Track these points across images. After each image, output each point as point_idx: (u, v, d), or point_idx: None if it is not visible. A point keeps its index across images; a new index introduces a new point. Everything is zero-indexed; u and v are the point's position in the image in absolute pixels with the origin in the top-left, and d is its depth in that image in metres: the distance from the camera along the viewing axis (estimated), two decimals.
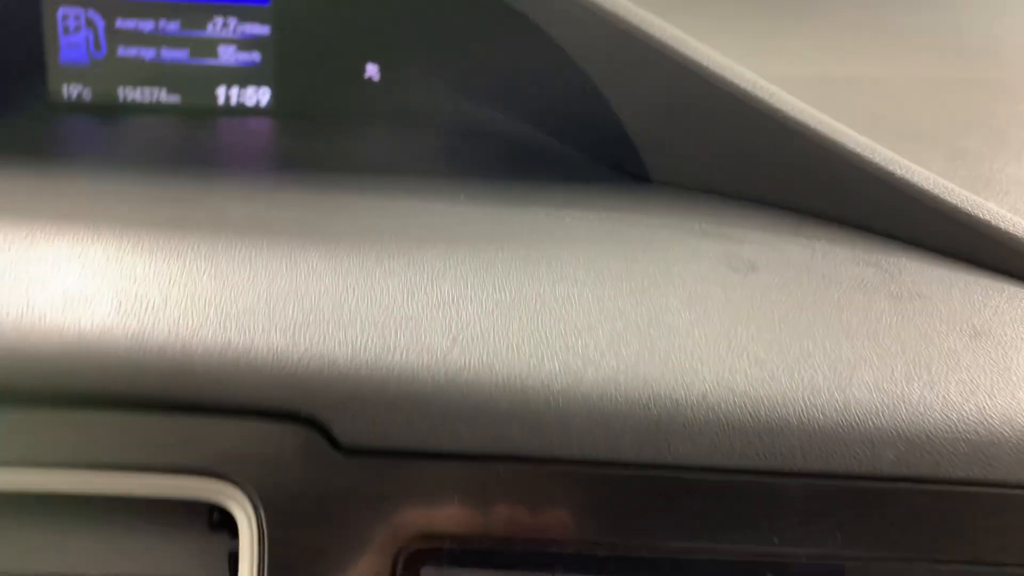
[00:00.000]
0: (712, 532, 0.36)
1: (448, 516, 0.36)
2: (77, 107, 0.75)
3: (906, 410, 0.38)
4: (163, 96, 0.76)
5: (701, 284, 0.44)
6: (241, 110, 0.76)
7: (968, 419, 0.38)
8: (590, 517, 0.36)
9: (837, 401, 0.38)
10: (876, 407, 0.38)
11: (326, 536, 0.36)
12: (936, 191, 0.51)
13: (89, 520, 0.38)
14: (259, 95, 0.77)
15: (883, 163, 0.51)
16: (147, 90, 0.75)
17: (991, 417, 0.38)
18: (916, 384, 0.39)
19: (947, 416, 0.38)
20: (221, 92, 0.76)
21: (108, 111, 0.75)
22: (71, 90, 0.74)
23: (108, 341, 0.37)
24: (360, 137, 0.69)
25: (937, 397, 0.38)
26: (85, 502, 0.38)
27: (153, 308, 0.39)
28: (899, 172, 0.51)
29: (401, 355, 0.38)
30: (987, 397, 0.39)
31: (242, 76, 0.76)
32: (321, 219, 0.48)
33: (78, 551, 0.38)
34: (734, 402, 0.38)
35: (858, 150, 0.51)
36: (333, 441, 0.36)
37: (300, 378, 0.37)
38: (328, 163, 0.61)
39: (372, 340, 0.38)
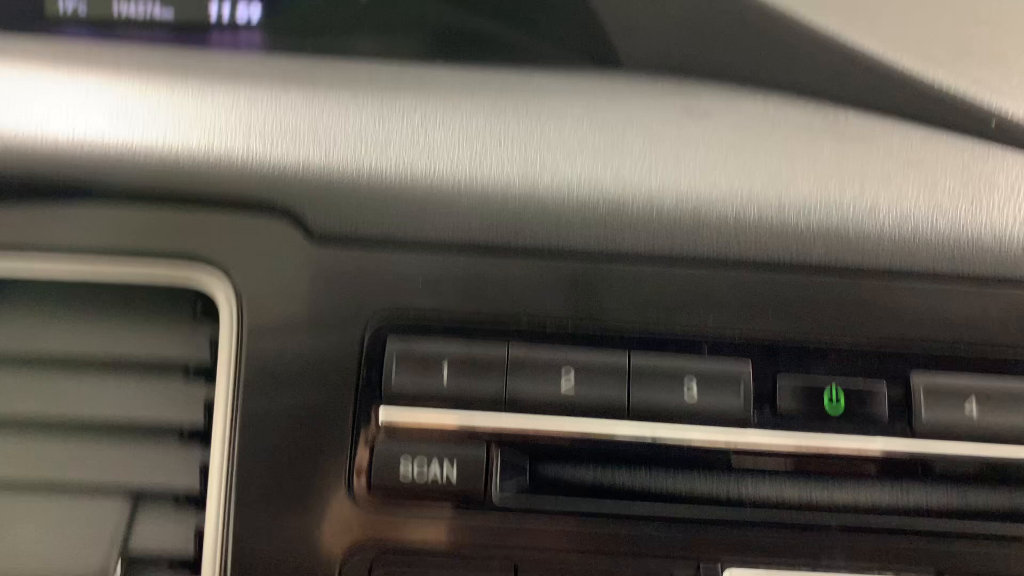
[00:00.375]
0: (656, 313, 0.39)
1: (411, 296, 0.39)
2: (72, 21, 0.78)
3: (836, 212, 0.41)
4: (156, 11, 0.79)
5: (658, 123, 0.48)
6: (232, 26, 0.79)
7: (893, 221, 0.41)
8: (542, 298, 0.39)
9: (772, 202, 0.41)
10: (809, 208, 0.41)
11: (299, 316, 0.39)
12: (882, 56, 0.54)
13: (89, 305, 0.41)
14: (250, 11, 0.80)
15: (833, 32, 0.55)
16: (141, 5, 0.78)
17: (914, 219, 0.41)
18: (848, 193, 0.42)
19: (873, 217, 0.41)
20: (213, 8, 0.80)
21: (103, 25, 0.78)
22: (67, 4, 0.78)
23: (103, 143, 0.40)
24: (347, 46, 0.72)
25: (866, 204, 0.42)
26: (86, 288, 0.41)
27: (143, 120, 0.42)
28: (848, 40, 0.54)
29: (371, 160, 0.41)
30: (913, 205, 0.42)
31: None
32: (301, 70, 0.51)
33: (77, 333, 0.41)
34: (676, 202, 0.41)
35: (811, 22, 0.55)
36: (307, 230, 0.39)
37: (277, 175, 0.40)
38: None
39: (344, 148, 0.41)
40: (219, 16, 0.82)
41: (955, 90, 0.53)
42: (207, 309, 0.41)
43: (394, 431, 0.38)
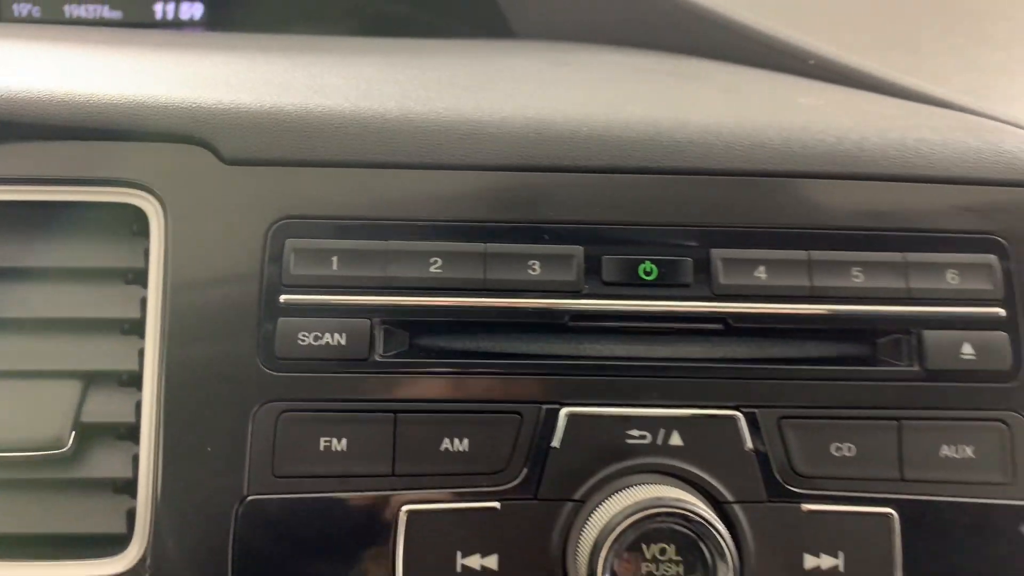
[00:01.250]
0: (505, 210, 0.48)
1: (306, 205, 0.48)
2: (27, 21, 0.87)
3: (653, 126, 0.51)
4: (105, 12, 0.88)
5: (521, 68, 0.57)
6: (176, 23, 0.88)
7: (699, 131, 0.50)
8: (413, 202, 0.48)
9: (602, 121, 0.50)
10: (631, 124, 0.50)
11: (214, 224, 0.48)
12: (721, 12, 0.64)
13: (48, 228, 0.50)
14: (193, 10, 0.90)
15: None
16: (91, 7, 0.87)
17: (718, 129, 0.50)
18: (666, 113, 0.52)
19: (684, 129, 0.50)
20: (158, 8, 0.89)
21: (56, 26, 0.86)
22: (21, 8, 0.87)
23: (50, 93, 0.49)
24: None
25: (679, 119, 0.51)
26: (46, 212, 0.50)
27: (86, 76, 0.51)
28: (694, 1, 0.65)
29: (273, 99, 0.50)
30: (719, 118, 0.51)
31: None
32: (223, 39, 0.60)
33: (39, 249, 0.49)
34: (524, 122, 0.50)
35: None
36: (219, 155, 0.48)
37: (195, 113, 0.49)
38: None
39: (251, 91, 0.51)
40: (164, 14, 0.91)
41: (779, 36, 0.64)
42: (142, 229, 0.50)
43: (293, 311, 0.47)
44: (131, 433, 0.48)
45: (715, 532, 0.43)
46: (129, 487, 0.47)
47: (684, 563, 0.43)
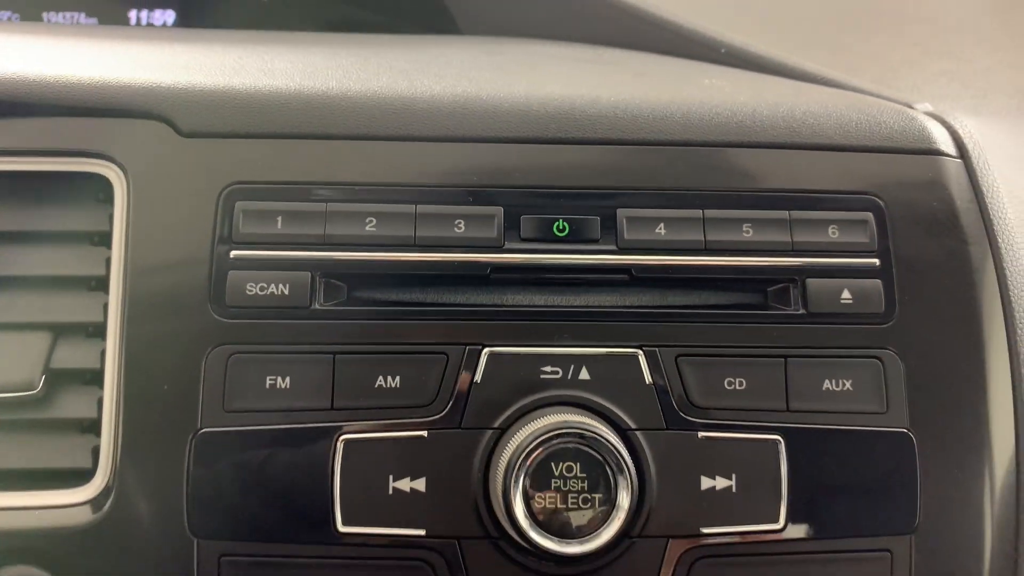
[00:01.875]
0: (434, 176, 0.54)
1: (254, 172, 0.54)
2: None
3: (567, 103, 0.57)
4: (82, 19, 0.94)
5: (457, 57, 0.64)
6: (150, 28, 0.94)
7: (610, 106, 0.56)
8: (349, 168, 0.54)
9: (521, 97, 0.56)
10: (548, 101, 0.56)
11: (172, 190, 0.54)
12: (641, 7, 0.70)
13: (18, 192, 0.55)
14: (165, 16, 0.95)
15: None
16: (68, 14, 0.93)
17: (626, 105, 0.56)
18: (580, 91, 0.57)
19: (595, 105, 0.56)
20: (132, 15, 0.95)
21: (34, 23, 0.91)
22: (2, 15, 0.92)
23: (24, 74, 0.55)
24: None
25: (590, 97, 0.57)
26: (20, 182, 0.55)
27: (58, 60, 0.57)
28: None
29: (226, 80, 0.56)
30: (628, 96, 0.57)
31: (150, 1, 0.94)
32: (190, 35, 0.66)
33: (4, 214, 0.55)
34: (453, 99, 0.56)
35: None
36: (177, 129, 0.54)
37: (156, 92, 0.55)
38: None
39: (206, 74, 0.56)
40: (138, 20, 0.97)
41: (695, 27, 0.70)
42: (107, 197, 0.55)
43: (242, 265, 0.52)
44: (96, 378, 0.53)
45: (614, 450, 0.49)
46: (94, 427, 0.52)
47: (588, 480, 0.49)
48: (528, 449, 0.49)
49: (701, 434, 0.52)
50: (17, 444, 0.52)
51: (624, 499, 0.49)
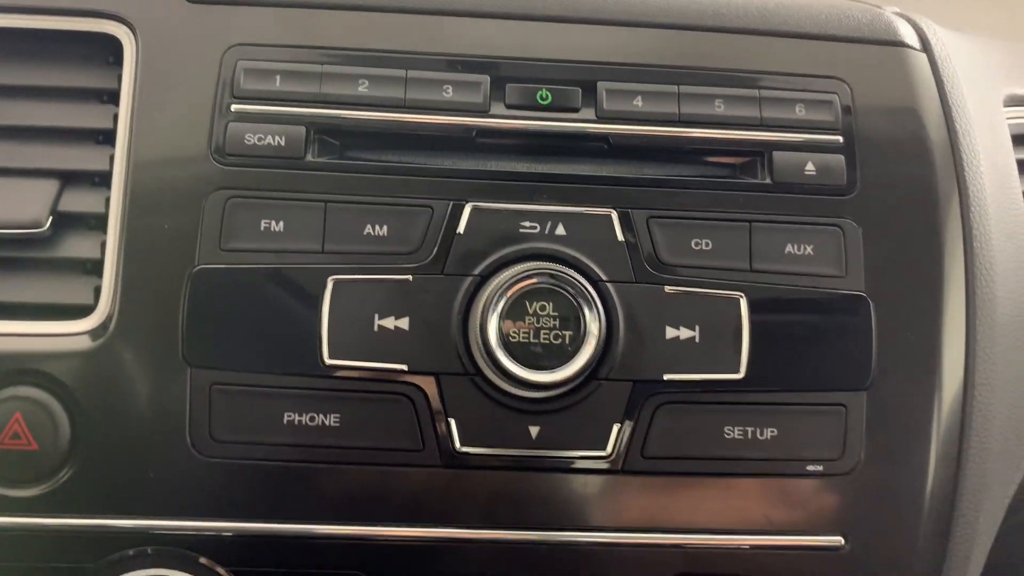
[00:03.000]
0: (424, 43, 0.57)
1: (254, 34, 0.57)
2: None
3: None
4: None
5: None
6: None
7: None
8: (346, 34, 0.57)
9: None
10: None
11: (177, 51, 0.57)
12: None
13: (34, 50, 0.58)
14: None
15: None
16: None
17: None
18: None
19: None
20: None
21: None
22: None
23: None
24: None
25: None
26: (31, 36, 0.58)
27: None
28: None
29: None
30: None
31: None
32: None
33: (20, 69, 0.58)
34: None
35: None
36: None
37: None
38: None
39: None
40: None
41: None
42: (117, 60, 0.58)
43: (242, 117, 0.56)
44: (100, 223, 0.56)
45: (585, 291, 0.52)
46: (97, 268, 0.55)
47: (559, 318, 0.52)
48: (505, 286, 0.52)
49: (667, 288, 0.55)
50: (23, 281, 0.56)
51: (592, 336, 0.52)
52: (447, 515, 0.54)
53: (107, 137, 0.57)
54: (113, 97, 0.58)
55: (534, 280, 0.52)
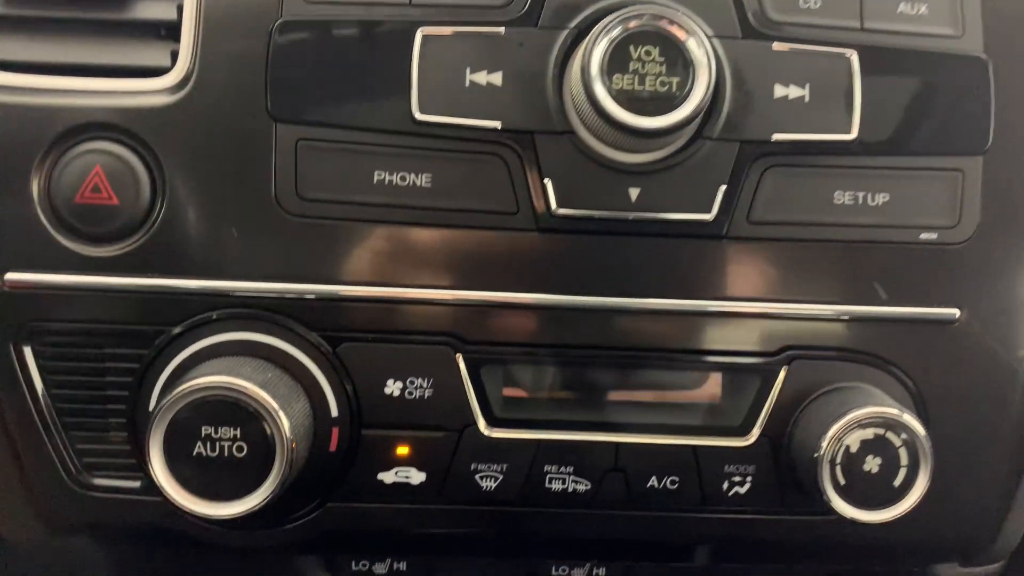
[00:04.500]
0: None
1: None
2: None
3: None
4: None
5: None
6: None
7: None
8: None
9: None
10: None
11: None
12: None
13: None
14: None
15: None
16: None
17: None
18: None
19: None
20: None
21: None
22: None
23: None
24: None
25: None
26: None
27: None
28: None
29: None
30: None
31: None
32: None
33: None
34: None
35: None
36: None
37: None
38: None
39: None
40: None
41: None
42: None
43: None
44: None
45: (693, 38, 0.49)
46: (174, 32, 0.53)
47: (666, 63, 0.49)
48: (609, 26, 0.49)
49: (776, 45, 0.52)
50: (101, 44, 0.53)
51: (702, 83, 0.48)
52: (543, 281, 0.52)
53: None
54: None
55: (641, 20, 0.49)
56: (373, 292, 0.52)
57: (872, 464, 0.50)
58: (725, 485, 0.54)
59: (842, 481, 0.50)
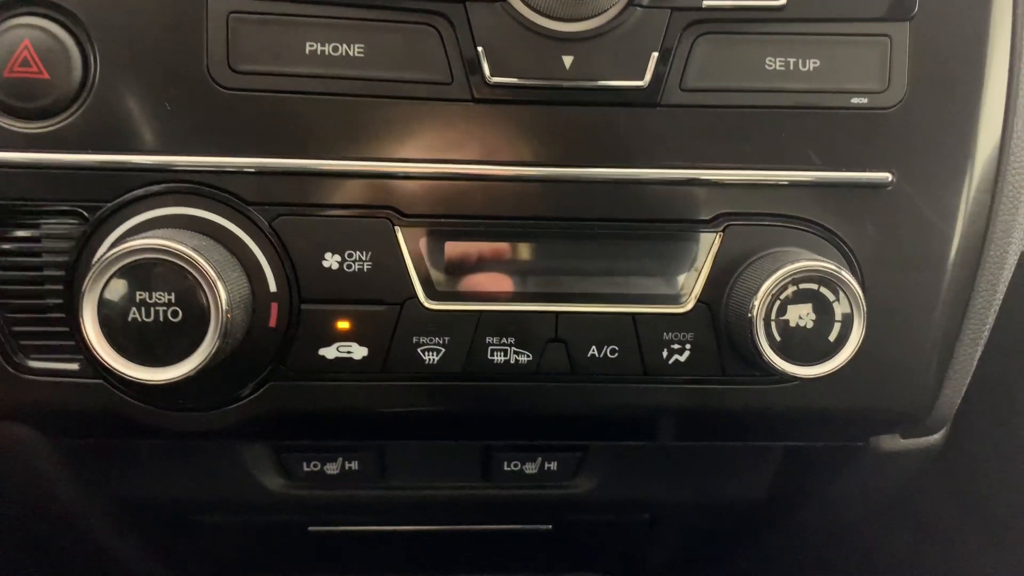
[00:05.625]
0: None
1: None
2: None
3: None
4: None
5: None
6: None
7: None
8: None
9: None
10: None
11: None
12: None
13: None
14: None
15: None
16: None
17: None
18: None
19: None
20: None
21: None
22: None
23: None
24: None
25: None
26: None
27: None
28: None
29: None
30: None
31: None
32: None
33: None
34: None
35: None
36: None
37: None
38: None
39: None
40: None
41: None
42: None
43: None
44: None
45: None
46: None
47: None
48: None
49: None
50: None
51: None
52: (479, 151, 0.52)
53: None
54: None
55: None
56: (308, 164, 0.52)
57: (807, 319, 0.51)
58: (665, 353, 0.54)
59: (778, 338, 0.51)
